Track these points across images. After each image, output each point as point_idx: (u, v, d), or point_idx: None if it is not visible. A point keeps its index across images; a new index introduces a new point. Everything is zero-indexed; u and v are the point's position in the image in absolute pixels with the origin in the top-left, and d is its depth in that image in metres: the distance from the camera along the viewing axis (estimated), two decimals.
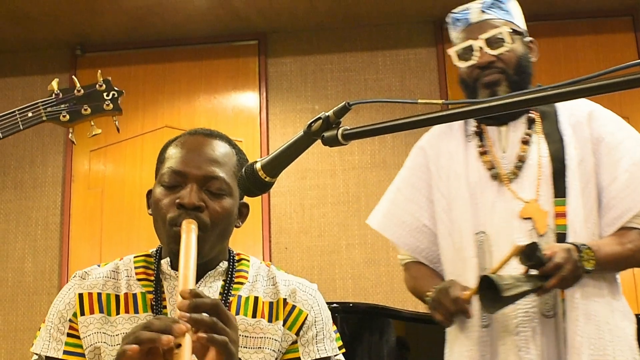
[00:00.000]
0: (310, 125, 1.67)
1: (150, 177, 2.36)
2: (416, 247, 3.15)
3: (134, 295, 2.19)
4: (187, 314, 1.77)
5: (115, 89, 3.02)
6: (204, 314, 1.78)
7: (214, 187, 2.16)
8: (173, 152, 2.25)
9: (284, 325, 2.19)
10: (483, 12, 3.06)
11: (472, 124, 3.11)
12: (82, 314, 2.18)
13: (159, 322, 1.74)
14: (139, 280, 2.23)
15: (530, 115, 3.03)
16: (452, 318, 2.83)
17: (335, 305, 2.49)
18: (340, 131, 1.63)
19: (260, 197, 6.43)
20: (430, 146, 3.17)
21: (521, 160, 2.95)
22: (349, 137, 1.61)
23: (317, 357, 2.19)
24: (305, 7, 6.60)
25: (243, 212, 2.31)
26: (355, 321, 3.82)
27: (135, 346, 1.69)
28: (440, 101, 1.50)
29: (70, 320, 2.18)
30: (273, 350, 2.15)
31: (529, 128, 3.01)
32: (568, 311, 2.76)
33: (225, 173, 2.19)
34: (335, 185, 6.58)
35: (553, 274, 2.65)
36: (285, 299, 2.23)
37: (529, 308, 2.80)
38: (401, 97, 6.62)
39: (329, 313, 2.30)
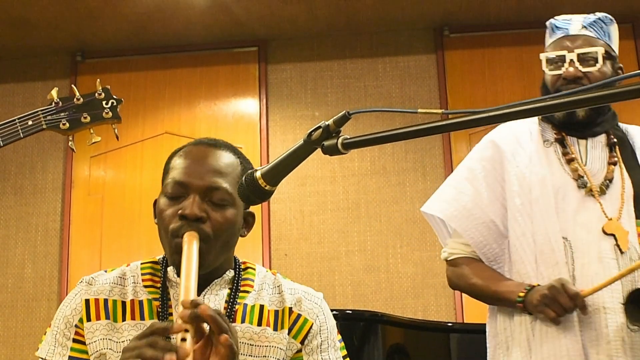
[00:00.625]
0: (310, 134, 1.67)
1: (150, 183, 2.37)
2: (480, 242, 3.07)
3: (140, 302, 2.20)
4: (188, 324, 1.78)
5: (114, 97, 3.03)
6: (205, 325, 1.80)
7: (216, 197, 2.17)
8: (177, 163, 2.25)
9: (289, 333, 2.20)
10: (584, 27, 3.05)
11: (551, 131, 3.10)
12: (89, 319, 2.18)
13: (163, 343, 1.75)
14: (145, 287, 2.24)
15: (610, 136, 3.07)
16: (565, 314, 2.79)
17: (335, 312, 2.50)
18: (340, 140, 1.63)
19: (260, 207, 6.46)
20: (506, 143, 3.12)
21: (609, 179, 2.97)
22: (349, 146, 1.62)
23: None
24: (306, 14, 6.61)
25: (249, 221, 2.32)
26: (354, 328, 3.82)
27: None
28: (440, 111, 1.50)
29: (76, 326, 2.18)
30: (277, 359, 2.16)
31: (611, 150, 3.04)
32: None
33: (229, 183, 2.19)
34: (335, 191, 6.59)
35: None
36: (290, 308, 2.23)
37: (618, 318, 2.79)
38: (401, 104, 6.63)
39: (334, 322, 2.31)
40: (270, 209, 6.54)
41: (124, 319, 2.18)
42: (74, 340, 2.18)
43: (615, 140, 3.07)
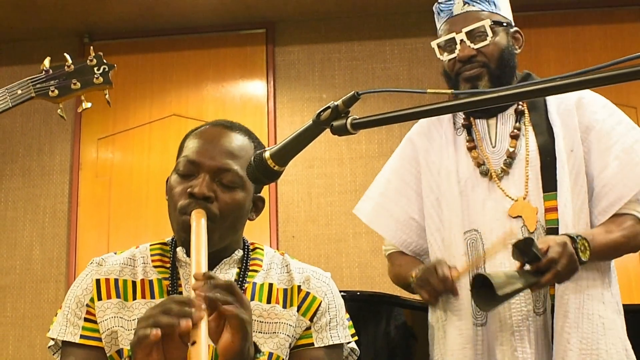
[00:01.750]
0: (319, 115, 1.68)
1: (158, 165, 2.38)
2: (404, 241, 3.13)
3: (150, 281, 2.22)
4: (202, 294, 1.78)
5: (106, 63, 3.00)
6: (219, 295, 1.81)
7: (226, 179, 2.18)
8: (191, 142, 2.27)
9: (298, 311, 2.22)
10: (466, 3, 3.01)
11: (461, 116, 3.08)
12: (99, 299, 2.20)
13: (178, 308, 1.75)
14: (155, 267, 2.26)
15: (519, 106, 2.99)
16: (438, 297, 2.80)
17: (342, 293, 2.49)
18: (349, 120, 1.64)
19: (267, 186, 6.44)
20: (420, 138, 3.14)
21: (510, 156, 2.92)
22: (358, 126, 1.62)
23: (330, 343, 2.22)
24: None
25: (258, 205, 2.34)
26: (362, 309, 3.82)
27: (158, 332, 1.71)
28: (449, 91, 1.51)
29: (87, 305, 2.20)
30: (287, 335, 2.17)
31: (518, 121, 2.98)
32: (556, 307, 2.74)
33: (240, 166, 2.20)
34: (343, 174, 6.58)
35: (548, 269, 2.60)
36: (299, 286, 2.25)
37: (523, 306, 2.78)
38: (409, 86, 6.61)
39: (342, 301, 2.33)
40: (277, 191, 6.54)
41: (134, 298, 2.20)
42: (86, 320, 2.19)
43: (522, 108, 3.00)
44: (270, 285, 2.24)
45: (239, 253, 2.27)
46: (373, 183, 3.29)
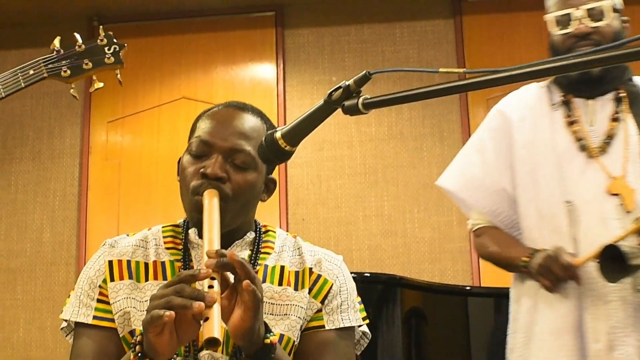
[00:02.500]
0: (330, 94, 1.67)
1: (167, 148, 2.39)
2: (494, 211, 3.14)
3: (163, 263, 2.22)
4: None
5: (117, 42, 3.00)
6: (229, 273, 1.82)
7: (238, 159, 2.18)
8: (204, 123, 2.27)
9: (309, 293, 2.22)
10: None
11: (558, 93, 3.09)
12: (112, 280, 2.20)
13: (191, 290, 1.76)
14: (167, 249, 2.26)
15: (619, 92, 3.02)
16: (560, 284, 2.82)
17: (352, 275, 2.50)
18: (360, 100, 1.63)
19: (277, 168, 6.43)
20: (512, 111, 3.15)
21: (610, 136, 2.94)
22: (370, 106, 1.62)
23: (342, 326, 2.21)
24: None
25: (270, 187, 2.34)
26: (372, 291, 3.82)
27: (172, 314, 1.71)
28: (461, 70, 1.50)
29: (100, 286, 2.21)
30: (299, 317, 2.17)
31: (617, 106, 3.00)
32: None
33: (252, 147, 2.19)
34: (353, 156, 6.58)
35: None
36: (311, 268, 2.25)
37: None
38: (419, 66, 6.59)
39: (353, 284, 2.32)
40: (287, 174, 6.55)
41: (146, 279, 2.20)
42: (98, 301, 2.20)
43: (623, 95, 3.02)
44: (282, 267, 2.24)
45: (250, 235, 2.27)
46: (457, 156, 3.30)
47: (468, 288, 5.21)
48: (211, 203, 2.07)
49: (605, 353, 2.75)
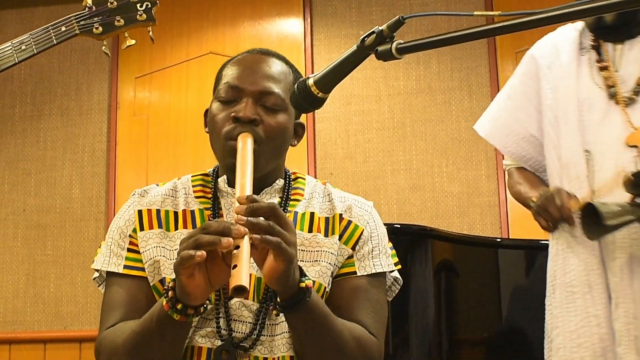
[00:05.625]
0: (363, 40, 1.67)
1: (195, 103, 2.39)
2: (522, 157, 3.15)
3: (192, 211, 2.23)
4: (244, 218, 1.79)
5: None
6: (261, 218, 1.81)
7: (269, 102, 2.18)
8: (230, 70, 2.27)
9: (339, 239, 2.21)
10: None
11: (589, 37, 3.04)
12: (142, 229, 2.21)
13: (217, 224, 1.77)
14: (196, 197, 2.26)
15: None
16: (556, 225, 2.84)
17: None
18: (394, 45, 1.62)
19: (305, 123, 6.42)
20: (542, 55, 3.12)
21: (639, 84, 2.90)
22: (403, 50, 1.61)
23: (373, 272, 2.21)
24: None
25: (298, 131, 2.33)
26: (402, 243, 3.82)
27: (203, 252, 1.72)
28: (496, 13, 1.48)
29: (130, 236, 2.22)
30: (329, 264, 2.17)
31: None
32: None
33: (281, 89, 2.21)
34: (380, 110, 6.55)
35: None
36: (341, 215, 2.24)
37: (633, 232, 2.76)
38: (447, 21, 6.51)
39: (384, 230, 2.31)
40: (315, 129, 6.54)
41: (176, 228, 2.21)
42: (129, 250, 2.20)
43: None
44: (312, 214, 2.24)
45: (280, 182, 2.27)
46: (494, 100, 3.32)
47: (499, 240, 5.21)
48: (245, 147, 2.08)
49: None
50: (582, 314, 2.80)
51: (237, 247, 1.75)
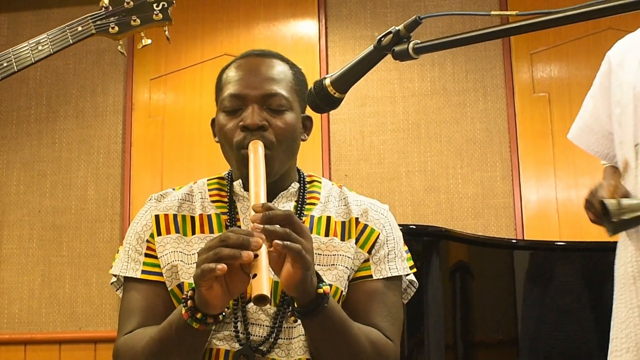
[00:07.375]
0: (380, 40, 1.67)
1: (210, 105, 2.39)
2: (606, 154, 3.20)
3: (209, 216, 2.24)
4: (261, 226, 1.79)
5: None
6: (277, 226, 1.81)
7: (274, 104, 2.19)
8: (229, 77, 2.29)
9: (356, 243, 2.22)
10: None
11: None
12: (159, 234, 2.23)
13: (236, 237, 1.77)
14: (213, 202, 2.28)
15: None
16: (600, 218, 2.86)
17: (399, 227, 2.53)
18: (411, 45, 1.63)
19: (320, 124, 6.44)
20: (615, 53, 3.15)
21: None
22: (421, 50, 1.61)
23: (389, 275, 2.21)
24: None
25: (307, 125, 2.34)
26: (417, 244, 3.82)
27: (224, 266, 1.73)
28: (513, 12, 1.49)
29: (147, 241, 2.23)
30: (346, 267, 2.18)
31: None
32: None
33: (283, 88, 2.22)
34: (395, 112, 6.54)
35: None
36: (357, 218, 2.25)
37: None
38: (462, 22, 6.50)
39: (400, 233, 2.32)
40: (330, 130, 6.53)
41: (193, 233, 2.22)
42: (146, 255, 2.22)
43: None
44: (328, 218, 2.24)
45: (295, 186, 2.28)
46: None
47: (514, 241, 5.20)
48: (256, 155, 2.09)
49: None
50: (628, 306, 2.84)
51: (256, 255, 1.76)
